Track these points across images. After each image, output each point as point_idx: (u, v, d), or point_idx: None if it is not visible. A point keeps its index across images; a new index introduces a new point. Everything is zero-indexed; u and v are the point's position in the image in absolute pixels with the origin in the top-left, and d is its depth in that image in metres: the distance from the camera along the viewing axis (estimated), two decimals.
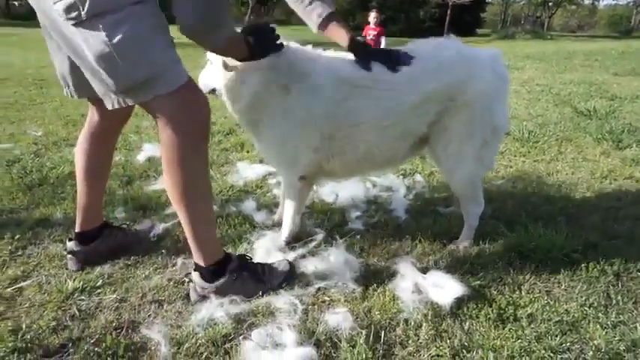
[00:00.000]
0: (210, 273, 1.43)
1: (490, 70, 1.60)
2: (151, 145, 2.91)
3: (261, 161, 2.65)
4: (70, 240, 1.64)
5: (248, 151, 2.93)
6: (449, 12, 24.15)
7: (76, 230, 1.64)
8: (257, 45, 1.44)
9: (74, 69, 1.32)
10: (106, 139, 1.60)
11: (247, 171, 2.55)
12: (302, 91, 1.54)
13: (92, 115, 1.55)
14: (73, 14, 1.10)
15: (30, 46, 11.27)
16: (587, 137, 3.33)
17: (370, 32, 6.98)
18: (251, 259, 1.55)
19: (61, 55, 1.35)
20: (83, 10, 1.09)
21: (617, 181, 2.49)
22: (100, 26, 1.10)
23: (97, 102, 1.45)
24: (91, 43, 1.12)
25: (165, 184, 1.33)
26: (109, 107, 1.24)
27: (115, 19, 1.10)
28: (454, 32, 1.88)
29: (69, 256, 1.62)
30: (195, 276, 1.44)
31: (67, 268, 1.60)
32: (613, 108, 4.24)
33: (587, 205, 2.17)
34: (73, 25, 1.12)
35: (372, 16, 7.03)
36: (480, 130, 1.60)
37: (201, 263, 1.42)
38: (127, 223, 1.90)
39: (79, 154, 1.58)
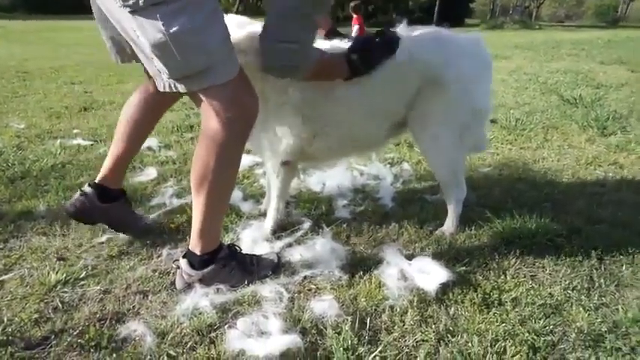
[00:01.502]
0: (201, 261, 1.42)
1: (468, 53, 1.60)
2: None
3: (248, 152, 2.63)
4: (89, 186, 1.65)
5: None
6: (437, 2, 24.12)
7: (97, 181, 1.65)
8: (362, 62, 1.46)
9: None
10: (155, 108, 1.62)
11: None
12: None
13: (147, 84, 1.56)
14: (131, 2, 1.09)
15: (13, 38, 11.07)
16: (572, 125, 3.36)
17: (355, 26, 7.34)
18: (240, 249, 1.55)
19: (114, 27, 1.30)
20: None
21: (602, 167, 2.51)
22: (158, 15, 1.08)
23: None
24: (148, 30, 1.10)
25: (193, 168, 1.32)
26: (160, 89, 1.25)
27: (173, 9, 1.08)
28: (443, 22, 1.86)
29: (79, 198, 1.63)
30: (183, 263, 1.43)
31: (49, 261, 1.58)
32: (599, 96, 4.28)
33: (572, 191, 2.19)
34: (130, 12, 1.10)
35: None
36: (458, 113, 1.60)
37: (197, 251, 1.41)
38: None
39: (126, 108, 1.60)
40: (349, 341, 1.20)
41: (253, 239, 1.70)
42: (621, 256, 1.62)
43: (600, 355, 1.18)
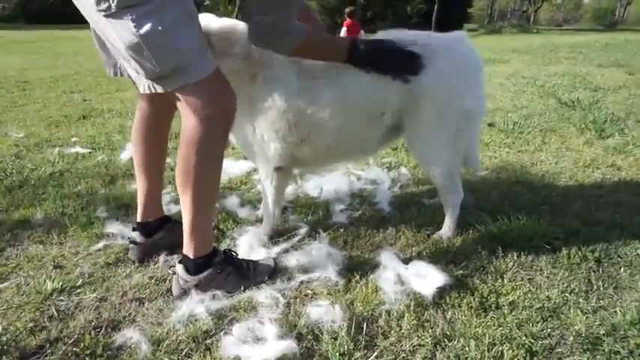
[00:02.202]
0: (195, 265, 1.42)
1: (451, 54, 1.57)
2: None
3: (245, 158, 2.63)
4: (134, 230, 1.66)
5: (233, 148, 2.91)
6: (436, 7, 24.23)
7: (138, 220, 1.66)
8: (367, 56, 1.49)
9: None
10: (157, 125, 1.62)
11: (231, 168, 2.53)
12: (266, 80, 1.53)
13: (141, 102, 1.58)
14: (104, 6, 1.13)
15: (13, 48, 11.14)
16: (570, 127, 3.36)
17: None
18: (236, 254, 1.54)
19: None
20: (113, 2, 1.11)
21: (600, 170, 2.51)
22: (129, 17, 1.12)
23: None
24: (121, 33, 1.15)
25: (177, 169, 1.34)
26: (141, 91, 1.29)
27: (144, 11, 1.12)
28: (441, 28, 1.85)
29: (131, 246, 1.64)
30: (179, 268, 1.43)
31: (46, 269, 1.58)
32: (596, 99, 4.29)
33: (569, 193, 2.19)
34: (104, 16, 1.15)
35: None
36: (449, 116, 1.59)
37: (190, 255, 1.41)
38: None
39: (134, 145, 1.62)
40: (345, 346, 1.19)
41: (250, 245, 1.70)
42: (619, 259, 1.61)
43: (598, 358, 1.18)
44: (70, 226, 1.86)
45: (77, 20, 1.29)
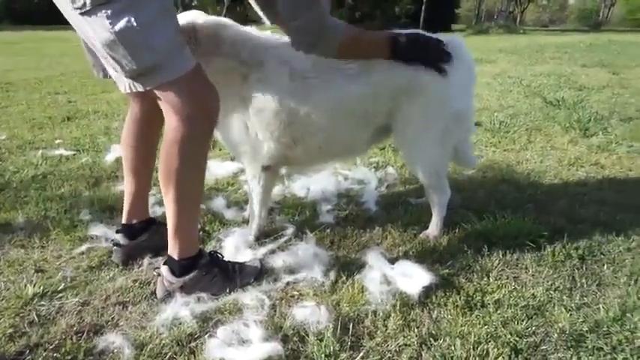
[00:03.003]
0: (180, 267, 1.40)
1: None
2: (120, 146, 2.84)
3: (232, 159, 2.62)
4: (118, 232, 1.63)
5: (220, 149, 2.89)
6: (423, 8, 24.39)
7: (123, 222, 1.64)
8: (407, 48, 1.49)
9: None
10: (147, 128, 1.60)
11: (218, 169, 2.51)
12: (258, 80, 1.52)
13: (132, 105, 1.56)
14: (79, 4, 1.12)
15: None
16: (555, 126, 3.39)
17: None
18: (222, 256, 1.53)
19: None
20: None
21: (584, 168, 2.54)
22: (104, 14, 1.11)
23: None
24: (97, 31, 1.14)
25: (160, 169, 1.32)
26: (122, 90, 1.29)
27: (119, 7, 1.11)
28: (429, 28, 1.85)
29: (114, 248, 1.62)
30: (164, 270, 1.41)
31: (27, 273, 1.55)
32: (581, 98, 4.34)
33: (554, 191, 2.21)
34: (80, 14, 1.14)
35: None
36: (438, 117, 1.59)
37: (175, 256, 1.40)
38: None
39: (124, 146, 1.60)
40: (331, 347, 1.19)
41: (236, 246, 1.68)
42: (602, 256, 1.63)
43: (582, 355, 1.18)
44: (52, 229, 1.83)
45: (63, 21, 1.28)
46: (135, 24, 1.12)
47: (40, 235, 1.78)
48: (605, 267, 1.56)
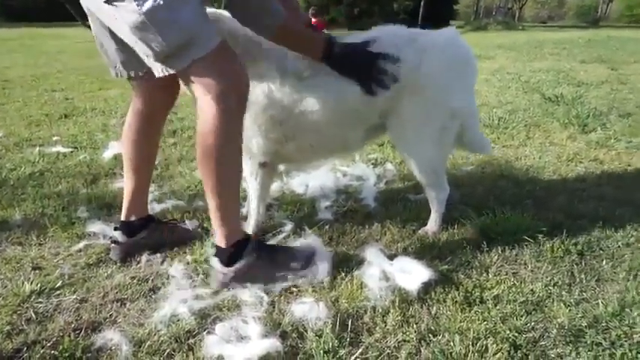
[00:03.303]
0: (229, 255, 1.40)
1: (442, 52, 1.55)
2: (118, 143, 2.81)
3: None
4: (116, 229, 1.63)
5: None
6: (422, 4, 24.33)
7: (122, 219, 1.63)
8: (342, 61, 1.47)
9: (120, 46, 1.38)
10: (150, 124, 1.59)
11: None
12: (251, 76, 1.51)
13: (135, 101, 1.55)
14: None
15: None
16: (554, 122, 3.39)
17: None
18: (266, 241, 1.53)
19: (106, 36, 1.39)
20: None
21: (583, 164, 2.54)
22: None
23: (140, 84, 1.49)
24: (125, 15, 1.16)
25: (198, 153, 1.32)
26: (157, 75, 1.27)
27: None
28: (427, 25, 1.82)
29: (112, 245, 1.61)
30: (215, 262, 1.42)
31: (24, 271, 1.54)
32: (579, 94, 4.33)
33: (553, 187, 2.21)
34: (105, 2, 1.17)
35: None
36: (436, 114, 1.58)
37: (222, 244, 1.40)
38: (174, 219, 1.87)
39: (125, 142, 1.58)
40: (330, 344, 1.18)
41: None
42: (601, 251, 1.63)
43: (581, 350, 1.18)
44: (49, 226, 1.82)
45: (60, 18, 1.28)
46: (162, 2, 1.13)
47: (38, 233, 1.78)
48: (604, 262, 1.56)
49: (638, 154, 2.67)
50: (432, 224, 1.78)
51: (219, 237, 1.41)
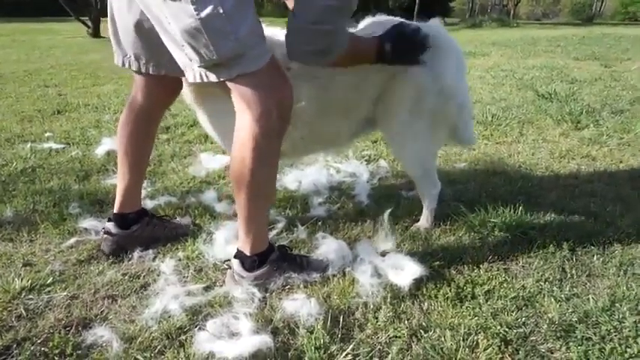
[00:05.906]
0: (252, 262, 1.39)
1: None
2: (111, 140, 2.81)
3: (223, 152, 2.60)
4: (109, 220, 1.61)
5: (212, 142, 2.87)
6: (417, 1, 24.30)
7: (115, 211, 1.62)
8: (393, 54, 1.42)
9: (144, 43, 1.36)
10: (147, 120, 1.58)
11: (210, 162, 2.50)
12: None
13: (135, 95, 1.53)
14: None
15: None
16: (547, 119, 3.40)
17: None
18: (290, 249, 1.52)
19: (130, 27, 1.35)
20: None
21: (575, 160, 2.55)
22: (189, 0, 1.06)
23: (144, 78, 1.46)
24: (179, 16, 1.09)
25: (231, 166, 1.29)
26: (190, 80, 1.21)
27: None
28: (423, 21, 1.80)
29: (105, 236, 1.60)
30: (235, 263, 1.41)
31: (16, 267, 1.53)
32: (573, 91, 4.35)
33: (545, 183, 2.22)
34: None
35: None
36: (425, 107, 1.58)
37: (247, 252, 1.38)
38: (167, 215, 1.86)
39: (121, 137, 1.56)
40: (321, 340, 1.18)
41: (227, 240, 1.67)
42: (592, 247, 1.64)
43: (571, 345, 1.19)
44: (41, 222, 1.81)
45: (53, 13, 1.23)
46: (221, 11, 1.07)
47: (29, 229, 1.76)
48: (595, 258, 1.57)
49: (629, 150, 2.69)
50: (424, 220, 1.79)
51: (243, 244, 1.39)
